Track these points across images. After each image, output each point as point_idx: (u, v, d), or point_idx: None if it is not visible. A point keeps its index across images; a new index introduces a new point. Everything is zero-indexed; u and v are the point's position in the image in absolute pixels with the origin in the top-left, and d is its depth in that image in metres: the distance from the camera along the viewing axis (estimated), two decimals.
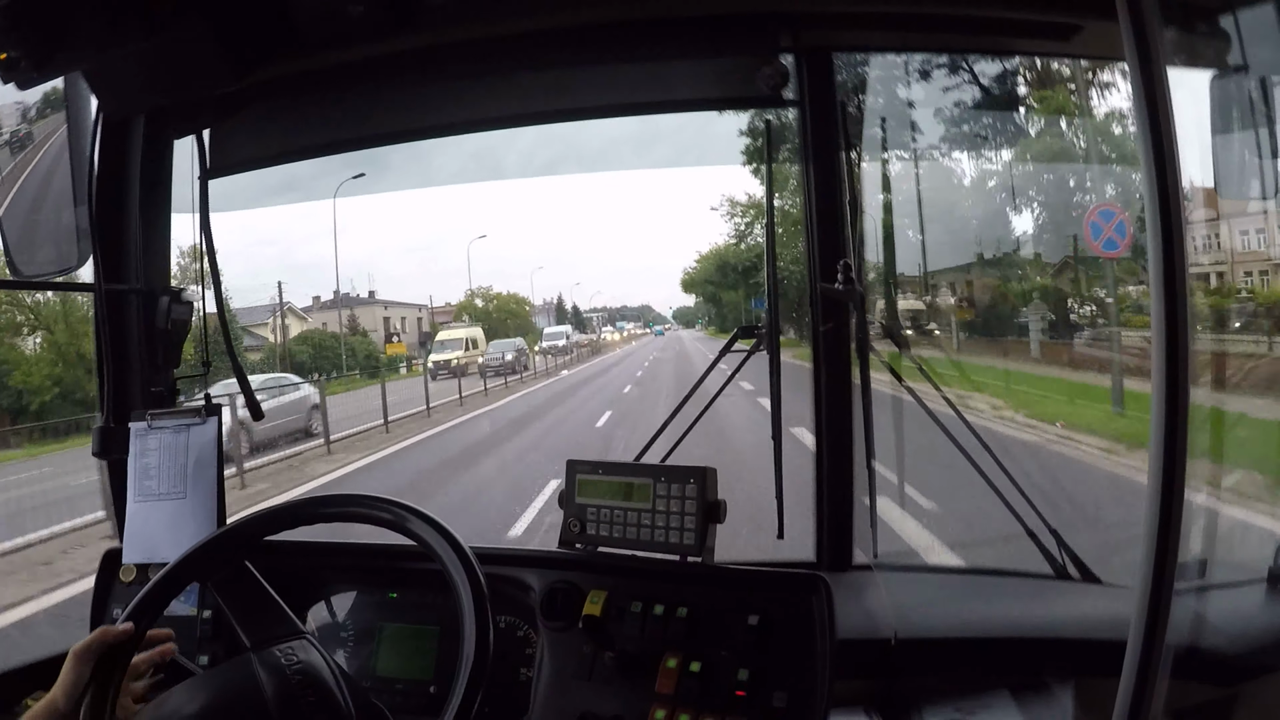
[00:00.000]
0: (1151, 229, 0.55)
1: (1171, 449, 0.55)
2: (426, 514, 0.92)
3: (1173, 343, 0.55)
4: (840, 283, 1.27)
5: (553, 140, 27.29)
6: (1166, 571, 0.55)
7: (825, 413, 1.35)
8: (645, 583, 1.02)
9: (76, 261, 1.20)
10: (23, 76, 0.99)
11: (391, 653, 1.15)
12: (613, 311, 54.14)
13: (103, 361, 1.23)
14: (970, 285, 11.23)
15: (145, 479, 1.19)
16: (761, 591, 0.97)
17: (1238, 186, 1.12)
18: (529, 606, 1.06)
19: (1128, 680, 0.57)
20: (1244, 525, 1.23)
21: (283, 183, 1.41)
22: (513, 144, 15.94)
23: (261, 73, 1.22)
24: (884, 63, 1.70)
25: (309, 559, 1.20)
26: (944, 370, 1.47)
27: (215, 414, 1.20)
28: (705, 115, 2.92)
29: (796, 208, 1.37)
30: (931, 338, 9.59)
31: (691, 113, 1.32)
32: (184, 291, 1.30)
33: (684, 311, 48.26)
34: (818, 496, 1.38)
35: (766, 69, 1.21)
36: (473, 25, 1.23)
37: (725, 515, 1.03)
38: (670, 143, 37.33)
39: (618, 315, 51.44)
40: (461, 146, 1.69)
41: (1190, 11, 1.03)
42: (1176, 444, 0.55)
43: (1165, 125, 0.55)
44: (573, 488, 1.10)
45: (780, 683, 0.91)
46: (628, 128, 42.47)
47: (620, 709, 0.95)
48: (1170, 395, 0.55)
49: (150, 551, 1.18)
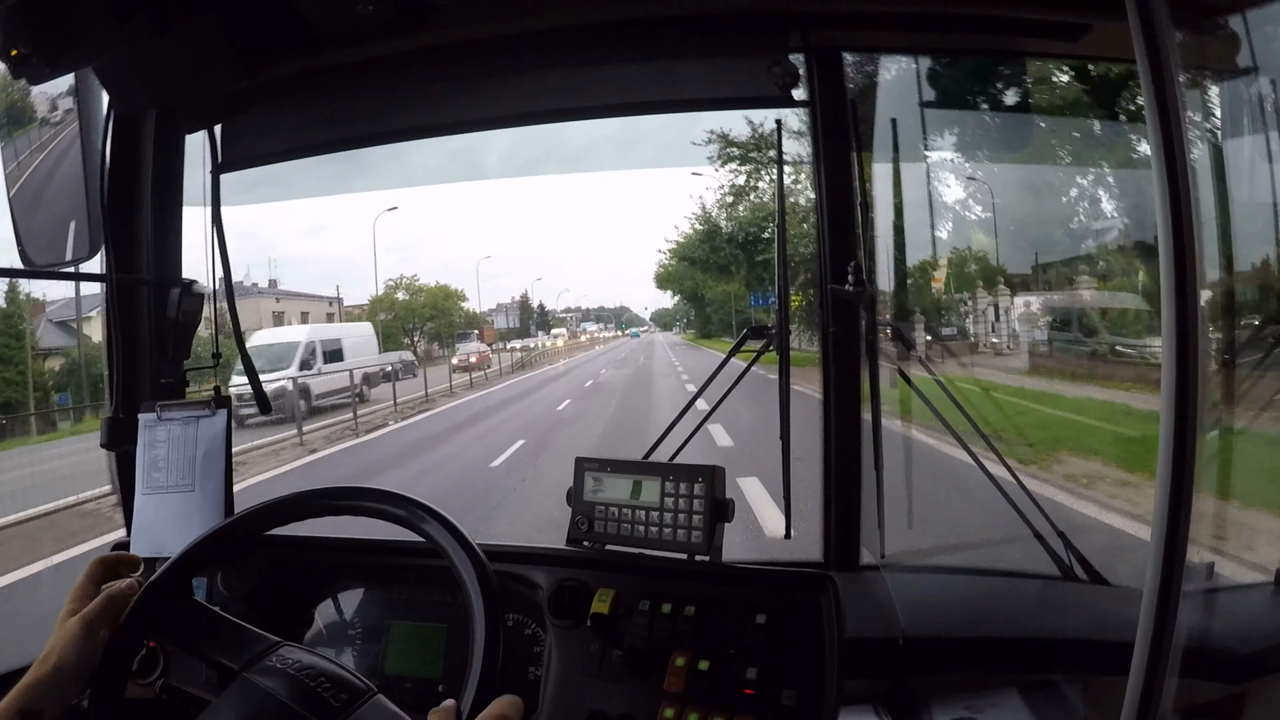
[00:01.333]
0: (1163, 232, 0.55)
1: (1180, 451, 0.55)
2: (436, 510, 0.91)
3: (1183, 347, 0.55)
4: (850, 284, 1.27)
5: (534, 139, 26.87)
6: (1175, 571, 0.56)
7: (834, 414, 1.35)
8: (653, 581, 1.01)
9: (88, 253, 1.20)
10: (34, 72, 0.99)
11: (399, 651, 1.15)
12: (586, 312, 53.45)
13: (113, 352, 1.24)
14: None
15: (154, 471, 1.19)
16: (769, 590, 0.97)
17: (1248, 189, 1.12)
18: (536, 604, 1.06)
19: (1136, 678, 0.57)
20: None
21: (262, 179, 1.40)
22: (493, 143, 15.58)
23: (272, 69, 1.23)
24: (896, 63, 1.70)
25: (314, 555, 1.19)
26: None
27: (225, 406, 1.20)
28: (688, 116, 2.85)
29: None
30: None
31: (679, 113, 1.32)
32: (195, 283, 1.30)
33: (662, 314, 47.53)
34: (825, 497, 1.38)
35: (776, 68, 1.21)
36: (481, 24, 1.24)
37: (734, 514, 1.03)
38: (653, 142, 36.97)
39: (593, 316, 50.91)
40: (440, 145, 1.70)
41: (1201, 12, 1.03)
42: (1185, 446, 0.55)
43: (1176, 127, 0.55)
44: (581, 485, 1.10)
45: (789, 681, 0.91)
46: (610, 127, 41.91)
47: (629, 707, 0.94)
48: (1180, 398, 0.55)
49: (158, 545, 1.18)
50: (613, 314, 54.19)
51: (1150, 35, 0.55)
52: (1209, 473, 0.93)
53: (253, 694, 0.79)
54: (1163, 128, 0.55)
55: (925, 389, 1.35)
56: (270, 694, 0.78)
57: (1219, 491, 0.97)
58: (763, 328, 1.30)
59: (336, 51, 1.26)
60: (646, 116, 1.34)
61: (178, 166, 1.31)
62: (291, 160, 1.35)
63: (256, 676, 0.80)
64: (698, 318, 31.71)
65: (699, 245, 21.65)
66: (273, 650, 0.83)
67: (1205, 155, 1.18)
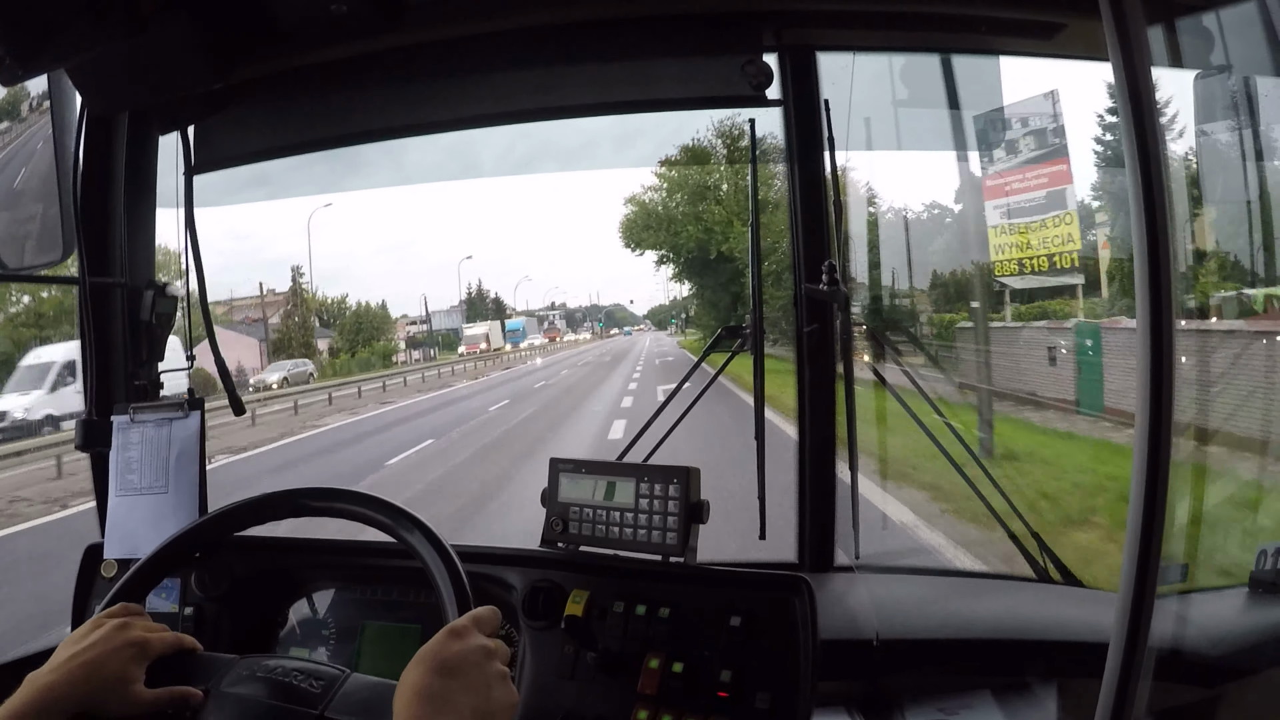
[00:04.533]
0: (1136, 229, 0.55)
1: (1155, 452, 0.55)
2: (409, 512, 0.92)
3: (1157, 345, 0.55)
4: (825, 283, 1.27)
5: (530, 136, 26.52)
6: (1149, 575, 0.55)
7: (809, 414, 1.34)
8: (628, 582, 1.01)
9: (61, 255, 1.20)
10: (6, 74, 1.00)
11: (374, 651, 1.15)
12: (569, 311, 52.18)
13: (86, 355, 1.24)
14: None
15: (127, 473, 1.20)
16: (744, 592, 0.97)
17: (1222, 186, 1.11)
18: (510, 605, 1.06)
19: (1110, 681, 0.57)
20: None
21: (255, 178, 1.40)
22: (489, 140, 15.38)
23: (245, 70, 1.23)
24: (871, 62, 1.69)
25: (288, 555, 1.19)
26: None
27: (198, 407, 1.20)
28: (686, 112, 2.81)
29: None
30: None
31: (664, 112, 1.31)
32: (168, 285, 1.30)
33: (658, 311, 46.54)
34: (800, 497, 1.38)
35: (750, 68, 1.21)
36: (456, 24, 1.24)
37: (709, 516, 1.02)
38: (651, 139, 36.53)
39: (588, 315, 49.94)
40: (437, 142, 1.71)
41: (1174, 10, 1.02)
42: (1160, 447, 0.55)
43: (1149, 125, 0.55)
44: (555, 486, 1.10)
45: (763, 683, 0.91)
46: (607, 124, 41.50)
47: (603, 709, 0.94)
48: (1154, 398, 0.55)
49: (132, 547, 1.18)
50: (607, 312, 53.06)
51: (1123, 32, 0.55)
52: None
53: (234, 704, 0.78)
54: (1136, 125, 0.55)
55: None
56: (251, 699, 0.78)
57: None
58: (738, 328, 1.30)
59: (311, 52, 1.26)
60: (643, 114, 1.33)
61: (151, 168, 1.31)
62: (266, 161, 1.35)
63: (230, 688, 0.80)
64: (702, 307, 20.82)
65: (681, 199, 17.20)
66: (235, 664, 0.83)
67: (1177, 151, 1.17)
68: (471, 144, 12.01)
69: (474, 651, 0.71)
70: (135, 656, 0.78)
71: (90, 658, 0.75)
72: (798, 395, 1.35)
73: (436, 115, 1.32)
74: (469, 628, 0.73)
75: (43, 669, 0.75)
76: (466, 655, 0.70)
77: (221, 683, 0.81)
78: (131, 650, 0.78)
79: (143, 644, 0.79)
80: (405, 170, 12.66)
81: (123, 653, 0.77)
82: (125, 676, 0.76)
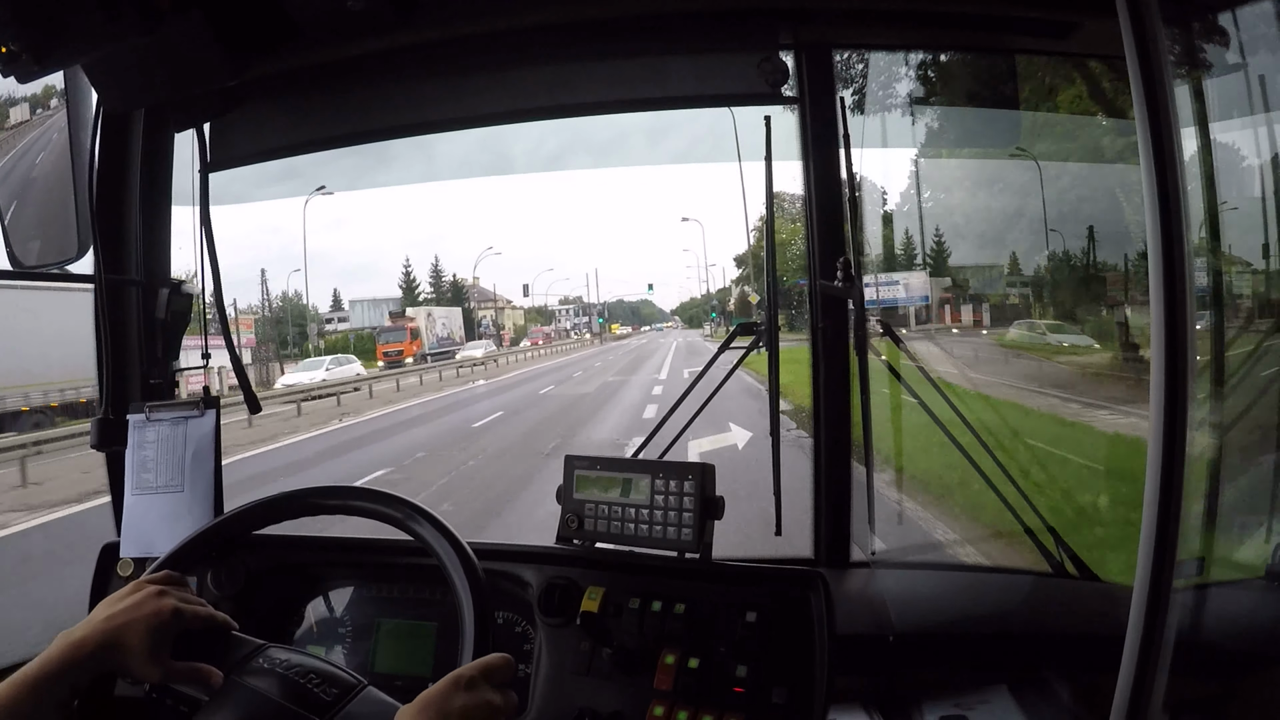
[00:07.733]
0: (1151, 229, 0.55)
1: (1170, 446, 0.55)
2: (426, 509, 0.92)
3: (1173, 340, 0.55)
4: (840, 280, 1.27)
5: (560, 131, 26.24)
6: (1165, 568, 0.55)
7: (824, 410, 1.34)
8: (643, 579, 1.01)
9: (76, 253, 1.20)
10: (22, 70, 0.99)
11: (389, 649, 1.15)
12: (587, 306, 47.80)
13: (102, 353, 1.23)
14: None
15: (143, 472, 1.19)
16: (759, 588, 0.97)
17: (1236, 185, 1.12)
18: (526, 602, 1.06)
19: (1127, 675, 0.56)
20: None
21: (284, 172, 1.40)
22: (519, 135, 15.29)
23: (261, 67, 1.23)
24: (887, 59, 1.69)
25: (304, 553, 1.19)
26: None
27: (214, 406, 1.20)
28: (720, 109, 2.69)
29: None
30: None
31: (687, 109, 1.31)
32: (184, 284, 1.30)
33: (688, 307, 43.80)
34: (816, 494, 1.38)
35: (766, 65, 1.21)
36: (471, 20, 1.24)
37: (724, 512, 1.02)
38: (683, 133, 35.84)
39: (615, 311, 46.85)
40: (465, 137, 1.69)
41: (1190, 9, 1.03)
42: (1176, 441, 0.55)
43: (1166, 124, 0.54)
44: (570, 483, 1.10)
45: (779, 679, 0.91)
46: (637, 118, 40.37)
47: (619, 705, 0.95)
48: (1170, 392, 0.55)
49: (147, 545, 1.18)
50: (632, 308, 49.72)
51: (1140, 32, 0.54)
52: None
53: (244, 695, 0.78)
54: (1152, 125, 0.54)
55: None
56: (262, 694, 0.78)
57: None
58: (752, 324, 1.30)
59: (326, 49, 1.25)
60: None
61: (166, 166, 1.31)
62: (281, 159, 1.34)
63: (246, 678, 0.80)
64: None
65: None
66: (259, 652, 0.83)
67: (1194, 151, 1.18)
68: (502, 138, 11.85)
69: (479, 709, 0.69)
70: (166, 624, 0.78)
71: (123, 621, 0.76)
72: (812, 391, 1.35)
73: (450, 113, 1.32)
74: (477, 679, 0.71)
75: (76, 626, 0.76)
76: (469, 713, 0.68)
77: (240, 669, 0.81)
78: (163, 618, 0.78)
79: (176, 613, 0.79)
80: (435, 165, 12.39)
81: (154, 619, 0.77)
82: (153, 643, 0.76)
